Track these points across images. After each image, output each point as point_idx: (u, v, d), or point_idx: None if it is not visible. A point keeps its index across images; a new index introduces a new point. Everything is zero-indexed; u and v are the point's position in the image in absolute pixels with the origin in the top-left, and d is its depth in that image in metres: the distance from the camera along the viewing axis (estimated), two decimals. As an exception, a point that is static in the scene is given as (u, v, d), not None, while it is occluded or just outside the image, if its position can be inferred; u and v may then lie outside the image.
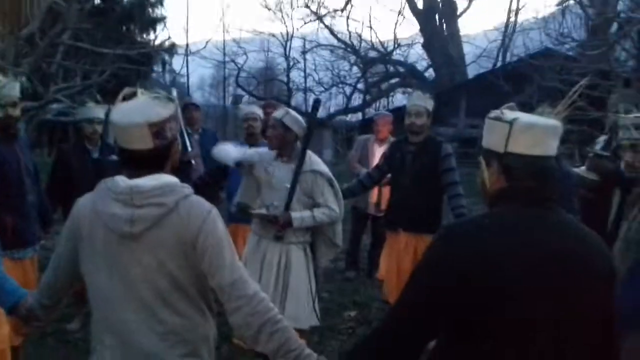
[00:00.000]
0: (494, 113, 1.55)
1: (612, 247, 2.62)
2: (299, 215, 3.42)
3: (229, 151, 3.73)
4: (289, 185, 3.41)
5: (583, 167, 3.97)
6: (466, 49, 23.10)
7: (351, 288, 5.68)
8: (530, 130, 1.46)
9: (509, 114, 1.52)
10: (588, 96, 7.66)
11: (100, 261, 1.69)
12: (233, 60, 24.39)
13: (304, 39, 24.37)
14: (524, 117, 1.50)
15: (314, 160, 3.52)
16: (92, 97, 4.26)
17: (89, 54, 7.00)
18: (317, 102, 4.07)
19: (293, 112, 3.59)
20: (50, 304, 1.91)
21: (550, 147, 1.49)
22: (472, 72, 22.15)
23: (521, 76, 13.66)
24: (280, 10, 23.53)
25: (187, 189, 1.73)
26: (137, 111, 1.65)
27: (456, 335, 1.45)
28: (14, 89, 3.12)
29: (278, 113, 3.55)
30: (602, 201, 3.46)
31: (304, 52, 24.51)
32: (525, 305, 1.37)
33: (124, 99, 1.70)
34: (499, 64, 21.31)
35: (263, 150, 3.68)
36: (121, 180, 1.68)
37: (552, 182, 1.50)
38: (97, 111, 4.23)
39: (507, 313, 1.37)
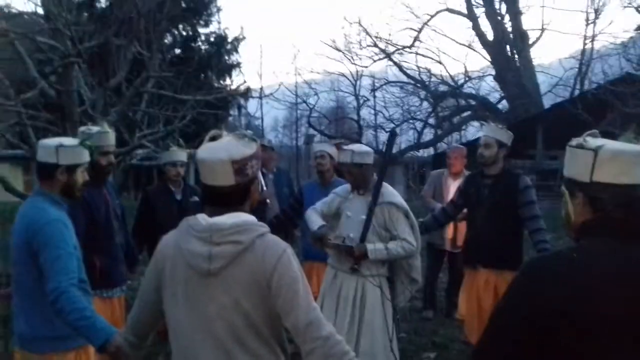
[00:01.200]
0: (575, 141, 1.48)
1: None
2: (374, 247, 3.39)
3: (311, 222, 3.70)
4: (364, 217, 3.41)
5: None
6: (540, 78, 22.48)
7: (429, 328, 5.51)
8: (617, 158, 1.39)
9: (592, 141, 1.45)
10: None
11: (180, 297, 1.74)
12: (305, 101, 24.99)
13: (373, 77, 24.63)
14: (609, 144, 1.43)
15: (390, 192, 3.51)
16: (175, 142, 4.46)
17: (171, 100, 7.40)
18: (392, 135, 4.09)
19: (357, 147, 3.61)
20: (136, 341, 1.96)
21: (639, 175, 1.41)
22: (547, 102, 21.44)
23: (601, 104, 13.09)
24: (349, 50, 23.93)
25: (264, 227, 1.76)
26: (222, 149, 1.73)
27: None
28: (105, 138, 3.26)
29: (345, 157, 3.56)
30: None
31: (373, 90, 24.74)
32: (618, 347, 1.29)
33: (211, 139, 1.79)
34: (576, 92, 20.51)
35: (340, 189, 3.73)
36: (202, 219, 1.74)
37: (643, 213, 1.41)
38: (180, 154, 4.43)
39: (596, 351, 1.29)
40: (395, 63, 23.71)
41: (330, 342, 1.68)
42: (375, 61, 23.82)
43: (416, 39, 23.17)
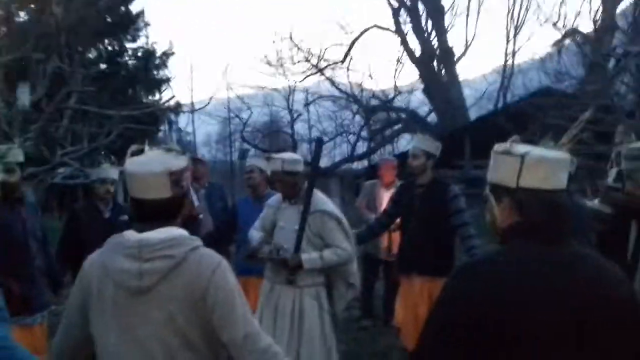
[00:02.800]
0: (501, 147, 1.52)
1: (632, 279, 2.54)
2: (309, 256, 3.37)
3: (254, 240, 3.66)
4: (297, 227, 3.38)
5: (596, 201, 3.92)
6: (466, 92, 23.38)
7: (368, 337, 5.53)
8: (542, 164, 1.44)
9: (518, 147, 1.50)
10: (592, 130, 7.68)
11: (110, 319, 1.65)
12: (237, 116, 24.75)
13: (306, 91, 24.77)
14: (534, 150, 1.48)
15: (321, 200, 3.49)
16: (106, 158, 4.30)
17: (96, 116, 7.15)
18: (319, 142, 4.04)
19: (287, 156, 3.59)
20: (61, 370, 1.85)
21: (562, 180, 1.47)
22: (473, 114, 22.33)
23: (523, 115, 13.74)
24: (282, 65, 23.98)
25: (196, 241, 1.71)
26: (156, 161, 1.68)
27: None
28: (11, 154, 3.15)
29: (275, 167, 3.54)
30: (618, 234, 3.40)
31: (306, 104, 24.88)
32: (545, 344, 1.32)
33: (133, 154, 1.72)
34: (499, 105, 21.49)
35: (271, 200, 3.69)
36: (130, 235, 1.67)
37: (564, 216, 1.47)
38: (111, 171, 4.27)
39: (525, 352, 1.32)
40: (327, 78, 23.99)
41: (268, 354, 1.65)
42: (307, 76, 24.01)
43: (347, 54, 23.57)
